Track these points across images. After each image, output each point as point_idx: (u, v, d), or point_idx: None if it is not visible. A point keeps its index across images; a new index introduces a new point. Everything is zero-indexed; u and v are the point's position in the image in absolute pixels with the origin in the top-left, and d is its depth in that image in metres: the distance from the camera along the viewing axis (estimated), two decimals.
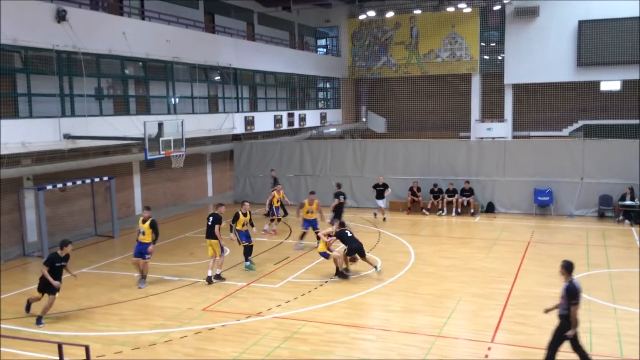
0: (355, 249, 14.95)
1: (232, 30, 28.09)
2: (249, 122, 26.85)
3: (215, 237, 14.49)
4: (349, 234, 15.16)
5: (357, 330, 11.28)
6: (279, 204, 20.30)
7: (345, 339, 10.83)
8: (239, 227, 15.59)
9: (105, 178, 19.74)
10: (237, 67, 26.25)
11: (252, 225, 15.88)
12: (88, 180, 19.18)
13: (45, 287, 11.93)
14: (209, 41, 24.98)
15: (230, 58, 25.61)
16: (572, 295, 8.80)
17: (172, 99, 22.67)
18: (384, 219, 21.81)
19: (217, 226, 14.46)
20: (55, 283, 11.78)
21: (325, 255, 15.12)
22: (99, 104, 19.55)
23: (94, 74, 18.88)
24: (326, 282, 14.26)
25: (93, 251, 18.14)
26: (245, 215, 15.63)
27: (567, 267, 9.05)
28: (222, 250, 14.80)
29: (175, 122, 18.65)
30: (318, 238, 16.91)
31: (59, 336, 10.90)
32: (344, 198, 19.95)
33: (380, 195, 22.10)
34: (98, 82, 19.43)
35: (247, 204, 15.96)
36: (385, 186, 22.16)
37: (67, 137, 17.35)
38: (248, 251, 15.72)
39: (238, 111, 26.42)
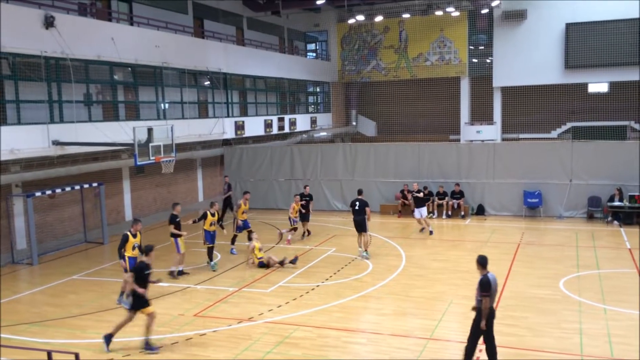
0: (354, 221, 16.79)
1: (222, 35, 28.08)
2: (239, 127, 26.83)
3: (171, 236, 15.30)
4: (357, 207, 16.78)
5: (349, 334, 11.28)
6: (245, 215, 18.25)
7: (337, 342, 10.83)
8: (206, 227, 16.10)
9: (95, 184, 19.65)
10: (227, 71, 26.24)
11: (221, 227, 16.51)
12: (77, 187, 19.08)
13: (139, 303, 10.62)
14: (198, 46, 24.95)
15: (219, 63, 25.60)
16: (484, 287, 9.15)
17: (162, 105, 22.61)
18: (431, 232, 19.85)
19: (171, 225, 15.21)
20: (140, 291, 10.55)
21: (262, 264, 16.06)
22: (88, 110, 19.46)
23: (83, 80, 18.81)
24: (318, 286, 14.25)
25: (83, 258, 18.04)
26: (213, 215, 16.15)
27: (481, 262, 9.41)
28: (178, 249, 15.37)
29: (164, 128, 18.63)
30: (250, 237, 17.11)
31: (49, 344, 10.83)
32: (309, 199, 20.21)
33: (419, 203, 20.09)
34: (87, 88, 19.36)
35: (216, 204, 16.52)
36: (422, 192, 20.63)
37: (56, 143, 17.27)
38: (211, 252, 16.31)
39: (228, 116, 26.41)
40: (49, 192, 18.13)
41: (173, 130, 18.61)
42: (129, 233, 13.18)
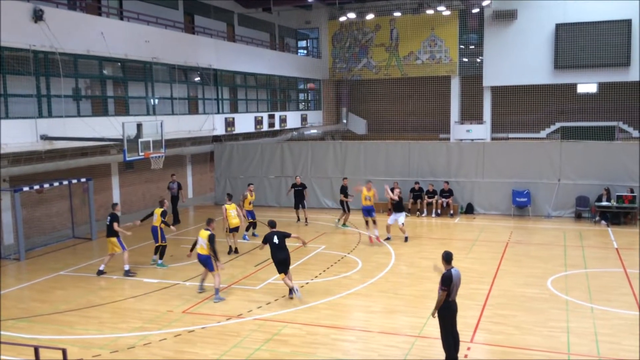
0: (340, 202, 20.04)
1: (212, 31, 27.98)
2: (230, 124, 26.75)
3: (113, 235, 15.22)
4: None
5: (338, 331, 11.28)
6: (251, 206, 19.75)
7: (326, 340, 10.83)
8: (155, 223, 16.12)
9: (83, 179, 19.51)
10: (217, 68, 26.15)
11: (167, 224, 16.28)
12: (65, 182, 18.94)
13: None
14: (189, 42, 24.83)
15: (210, 59, 25.50)
16: (444, 282, 9.35)
17: (151, 100, 22.50)
18: (406, 238, 18.76)
19: (115, 223, 15.15)
20: None
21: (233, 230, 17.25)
22: (77, 104, 19.34)
23: (72, 74, 18.67)
24: (307, 283, 14.25)
25: (71, 253, 17.92)
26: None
27: (445, 258, 9.60)
28: (123, 246, 15.35)
29: (154, 123, 18.53)
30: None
31: (36, 339, 10.77)
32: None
33: (398, 208, 18.77)
34: (76, 82, 19.23)
35: (166, 201, 16.64)
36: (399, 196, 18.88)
37: (44, 138, 17.14)
38: (163, 250, 16.40)
39: (218, 112, 26.32)
40: (36, 187, 17.97)
41: (163, 126, 18.52)
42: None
